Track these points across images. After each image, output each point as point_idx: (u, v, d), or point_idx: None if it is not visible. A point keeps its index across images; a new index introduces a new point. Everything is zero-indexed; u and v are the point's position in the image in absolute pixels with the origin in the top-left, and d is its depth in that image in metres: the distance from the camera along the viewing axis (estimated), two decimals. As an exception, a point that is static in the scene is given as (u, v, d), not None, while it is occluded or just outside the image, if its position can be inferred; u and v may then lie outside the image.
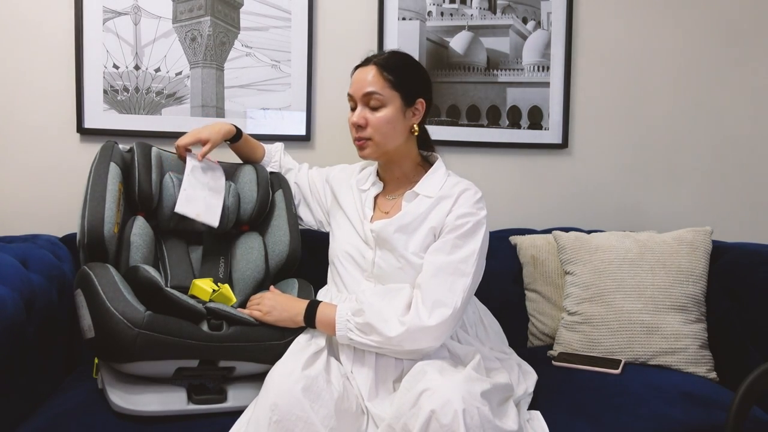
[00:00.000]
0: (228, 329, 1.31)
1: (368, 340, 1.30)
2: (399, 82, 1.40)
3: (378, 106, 1.41)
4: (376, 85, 1.40)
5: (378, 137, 1.42)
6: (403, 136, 1.44)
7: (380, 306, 1.31)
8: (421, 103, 1.44)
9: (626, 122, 2.22)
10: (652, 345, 1.63)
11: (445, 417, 1.08)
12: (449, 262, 1.33)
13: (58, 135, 1.83)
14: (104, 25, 1.83)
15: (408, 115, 1.43)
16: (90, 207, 1.33)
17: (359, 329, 1.30)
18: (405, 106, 1.42)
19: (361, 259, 1.44)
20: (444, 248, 1.35)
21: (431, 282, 1.32)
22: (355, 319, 1.31)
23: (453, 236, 1.35)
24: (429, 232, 1.38)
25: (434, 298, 1.30)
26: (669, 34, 2.22)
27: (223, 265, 1.52)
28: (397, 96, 1.41)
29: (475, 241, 1.36)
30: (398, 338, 1.27)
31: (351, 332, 1.31)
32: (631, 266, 1.72)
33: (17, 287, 1.28)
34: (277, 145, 1.73)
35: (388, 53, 1.47)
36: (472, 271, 1.34)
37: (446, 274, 1.32)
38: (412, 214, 1.40)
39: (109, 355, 1.26)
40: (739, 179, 2.29)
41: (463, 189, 1.41)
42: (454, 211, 1.38)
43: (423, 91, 1.45)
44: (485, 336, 1.47)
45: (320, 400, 1.19)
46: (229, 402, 1.31)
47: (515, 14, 2.10)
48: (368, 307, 1.31)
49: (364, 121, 1.41)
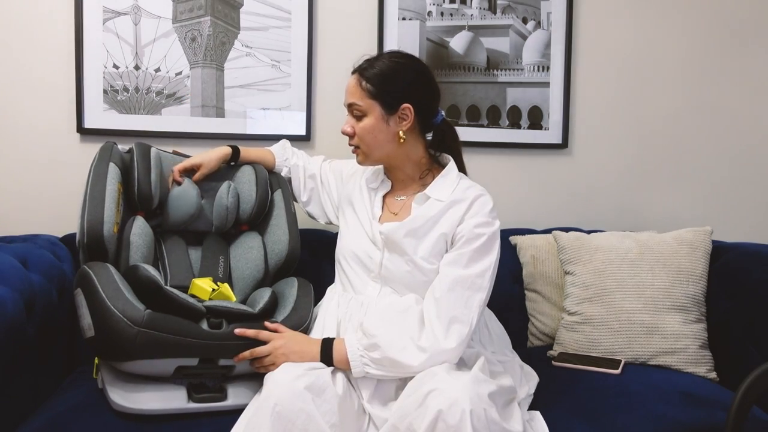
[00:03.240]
0: (228, 327, 1.31)
1: (388, 372, 1.26)
2: (377, 91, 1.37)
3: (360, 115, 1.40)
4: (355, 95, 1.40)
5: (363, 146, 1.42)
6: (391, 143, 1.41)
7: (392, 335, 1.27)
8: (407, 108, 1.38)
9: (626, 122, 2.22)
10: (652, 345, 1.63)
11: (453, 417, 1.08)
12: (466, 276, 1.31)
13: (58, 135, 1.83)
14: (104, 25, 1.83)
15: (392, 123, 1.39)
16: (89, 207, 1.33)
17: (376, 364, 1.27)
18: (387, 114, 1.38)
19: (368, 259, 1.43)
20: (460, 261, 1.33)
21: (448, 297, 1.30)
22: (370, 355, 1.27)
23: (469, 249, 1.33)
24: (440, 238, 1.36)
25: (451, 315, 1.28)
26: (669, 34, 2.22)
27: (222, 264, 1.52)
28: (375, 105, 1.38)
29: (491, 256, 1.35)
30: (421, 366, 1.24)
31: (368, 367, 1.27)
32: (631, 266, 1.72)
33: (17, 287, 1.28)
34: (283, 143, 1.70)
35: (373, 59, 1.42)
36: (487, 285, 1.33)
37: (463, 288, 1.31)
38: (423, 218, 1.38)
39: (109, 354, 1.26)
40: (739, 179, 2.29)
41: (476, 195, 1.39)
42: (467, 220, 1.36)
43: (410, 95, 1.38)
44: (489, 341, 1.47)
45: (324, 395, 1.18)
46: (229, 400, 1.31)
47: (515, 14, 2.11)
48: (381, 340, 1.26)
49: (351, 129, 1.41)
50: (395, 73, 1.39)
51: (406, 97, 1.38)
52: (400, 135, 1.40)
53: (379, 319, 1.32)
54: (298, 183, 1.65)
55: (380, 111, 1.38)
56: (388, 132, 1.40)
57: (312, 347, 1.31)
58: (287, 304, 1.42)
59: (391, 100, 1.38)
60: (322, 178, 1.64)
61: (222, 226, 1.56)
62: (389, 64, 1.40)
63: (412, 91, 1.39)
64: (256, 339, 1.31)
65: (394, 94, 1.38)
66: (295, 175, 1.66)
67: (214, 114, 1.91)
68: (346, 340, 1.30)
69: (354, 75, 1.41)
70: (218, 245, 1.55)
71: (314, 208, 1.65)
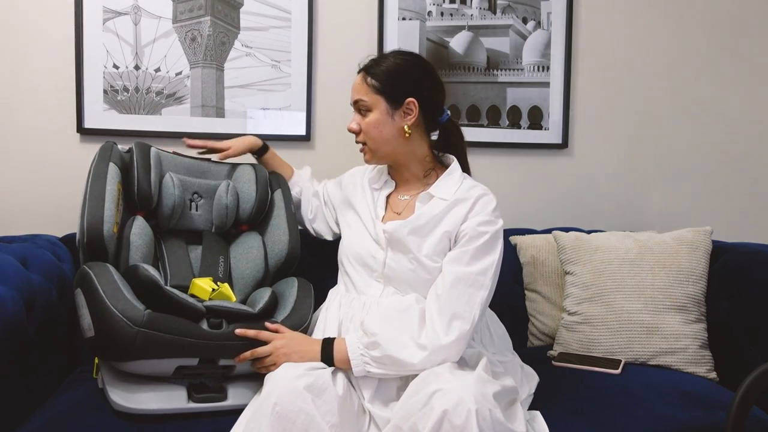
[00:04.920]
0: (228, 327, 1.31)
1: (389, 370, 1.27)
2: (382, 86, 1.40)
3: (365, 111, 1.43)
4: (360, 91, 1.42)
5: (370, 142, 1.44)
6: (397, 138, 1.42)
7: (392, 333, 1.28)
8: (412, 102, 1.40)
9: (626, 122, 2.22)
10: (652, 345, 1.63)
11: (458, 418, 1.08)
12: (468, 273, 1.32)
13: (58, 135, 1.83)
14: (104, 25, 1.83)
15: (397, 117, 1.41)
16: (89, 207, 1.33)
17: (377, 362, 1.27)
18: (392, 108, 1.41)
19: (372, 259, 1.43)
20: (463, 258, 1.33)
21: (451, 293, 1.30)
22: (370, 353, 1.27)
23: (472, 247, 1.34)
24: (444, 236, 1.37)
25: (453, 311, 1.28)
26: (669, 34, 2.22)
27: (222, 264, 1.51)
28: (381, 99, 1.40)
29: (494, 254, 1.35)
30: (422, 363, 1.24)
31: (369, 365, 1.27)
32: (631, 266, 1.72)
33: (17, 287, 1.28)
34: (307, 170, 1.73)
35: (378, 57, 1.46)
36: (490, 283, 1.33)
37: (465, 285, 1.31)
38: (427, 216, 1.38)
39: (109, 354, 1.26)
40: (739, 179, 2.29)
41: (479, 194, 1.40)
42: (471, 219, 1.37)
43: (414, 90, 1.41)
44: (490, 342, 1.47)
45: (324, 395, 1.19)
46: (229, 400, 1.31)
47: (515, 14, 2.11)
48: (381, 338, 1.26)
49: (357, 126, 1.44)
50: (400, 68, 1.42)
51: (411, 92, 1.41)
52: (405, 130, 1.41)
53: (380, 318, 1.32)
54: (306, 203, 1.68)
55: (385, 105, 1.40)
56: (393, 126, 1.42)
57: (313, 347, 1.31)
58: (287, 304, 1.42)
59: (395, 95, 1.40)
60: (324, 195, 1.66)
61: (222, 226, 1.56)
62: (394, 61, 1.43)
63: (416, 87, 1.42)
64: (257, 339, 1.31)
65: (399, 88, 1.40)
66: (305, 196, 1.68)
67: (214, 114, 1.91)
68: (347, 340, 1.30)
69: (360, 73, 1.44)
70: (218, 245, 1.55)
71: (320, 224, 1.66)
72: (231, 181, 1.58)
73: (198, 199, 1.57)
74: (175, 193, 1.49)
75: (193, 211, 1.57)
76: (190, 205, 1.56)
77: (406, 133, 1.42)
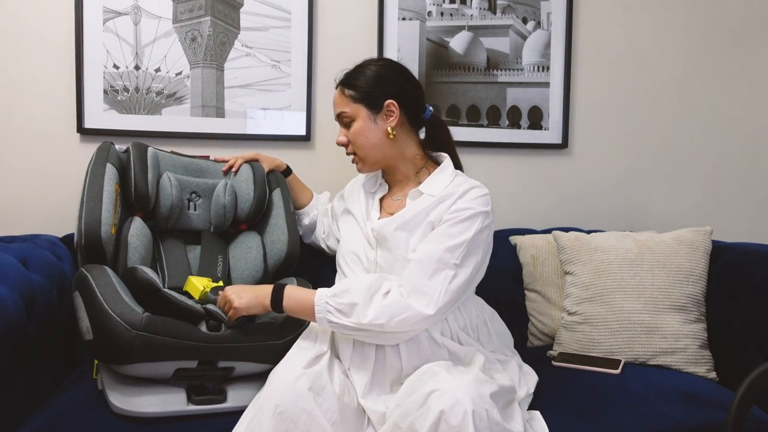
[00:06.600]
0: (226, 330, 1.31)
1: (347, 321, 1.25)
2: (359, 94, 1.43)
3: (349, 122, 1.45)
4: (341, 104, 1.46)
5: (359, 151, 1.46)
6: (383, 141, 1.44)
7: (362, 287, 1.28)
8: (391, 104, 1.42)
9: (626, 122, 2.22)
10: (652, 345, 1.63)
11: (455, 418, 1.08)
12: (434, 250, 1.30)
13: (58, 135, 1.83)
14: (104, 25, 1.83)
15: (380, 121, 1.44)
16: (87, 208, 1.33)
17: (339, 310, 1.26)
18: (373, 113, 1.43)
19: (365, 259, 1.44)
20: (434, 237, 1.33)
21: (413, 268, 1.30)
22: (336, 300, 1.27)
23: (446, 225, 1.34)
24: (427, 226, 1.37)
25: (412, 285, 1.28)
26: (669, 34, 2.22)
27: (221, 264, 1.51)
28: (361, 107, 1.43)
29: (468, 232, 1.32)
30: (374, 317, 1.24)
31: (330, 314, 1.27)
32: (631, 266, 1.72)
33: (17, 287, 1.28)
34: (325, 195, 1.77)
35: (351, 70, 1.48)
36: (458, 263, 1.30)
37: (430, 261, 1.29)
38: (414, 212, 1.39)
39: (107, 357, 1.26)
40: (739, 179, 2.29)
41: (468, 187, 1.39)
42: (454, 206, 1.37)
43: (391, 92, 1.43)
44: (487, 340, 1.46)
45: (324, 393, 1.20)
46: (229, 402, 1.31)
47: (515, 14, 2.10)
48: (348, 289, 1.27)
49: (345, 139, 1.47)
50: (374, 74, 1.45)
51: (388, 94, 1.43)
52: (389, 131, 1.44)
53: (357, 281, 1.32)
54: (319, 225, 1.72)
55: (366, 112, 1.43)
56: (377, 131, 1.44)
57: (263, 289, 1.34)
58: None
59: (374, 100, 1.43)
60: (331, 212, 1.69)
61: (220, 225, 1.56)
62: (367, 69, 1.46)
63: (392, 88, 1.44)
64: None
65: (376, 93, 1.43)
66: (319, 219, 1.72)
67: (214, 114, 1.91)
68: (318, 290, 1.31)
69: (337, 88, 1.48)
70: (217, 245, 1.55)
71: (333, 241, 1.68)
72: (229, 180, 1.58)
73: (196, 198, 1.57)
74: (173, 193, 1.49)
75: (192, 210, 1.56)
76: (189, 204, 1.56)
77: (391, 135, 1.43)
